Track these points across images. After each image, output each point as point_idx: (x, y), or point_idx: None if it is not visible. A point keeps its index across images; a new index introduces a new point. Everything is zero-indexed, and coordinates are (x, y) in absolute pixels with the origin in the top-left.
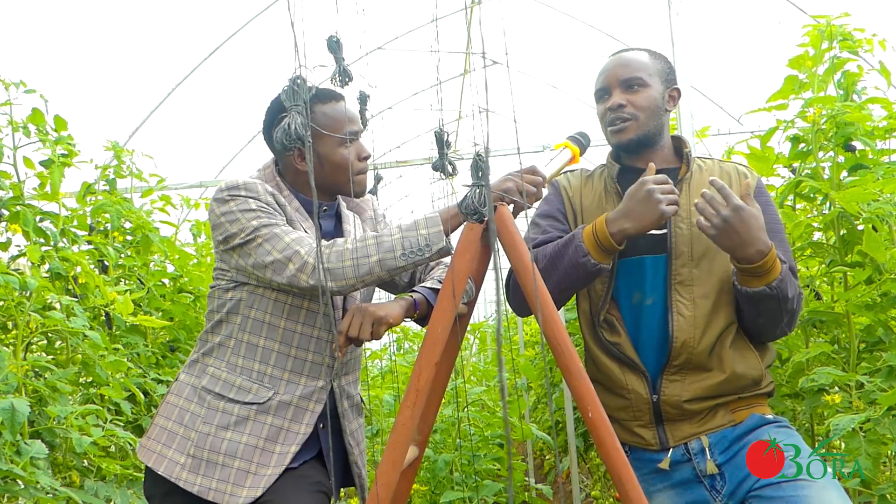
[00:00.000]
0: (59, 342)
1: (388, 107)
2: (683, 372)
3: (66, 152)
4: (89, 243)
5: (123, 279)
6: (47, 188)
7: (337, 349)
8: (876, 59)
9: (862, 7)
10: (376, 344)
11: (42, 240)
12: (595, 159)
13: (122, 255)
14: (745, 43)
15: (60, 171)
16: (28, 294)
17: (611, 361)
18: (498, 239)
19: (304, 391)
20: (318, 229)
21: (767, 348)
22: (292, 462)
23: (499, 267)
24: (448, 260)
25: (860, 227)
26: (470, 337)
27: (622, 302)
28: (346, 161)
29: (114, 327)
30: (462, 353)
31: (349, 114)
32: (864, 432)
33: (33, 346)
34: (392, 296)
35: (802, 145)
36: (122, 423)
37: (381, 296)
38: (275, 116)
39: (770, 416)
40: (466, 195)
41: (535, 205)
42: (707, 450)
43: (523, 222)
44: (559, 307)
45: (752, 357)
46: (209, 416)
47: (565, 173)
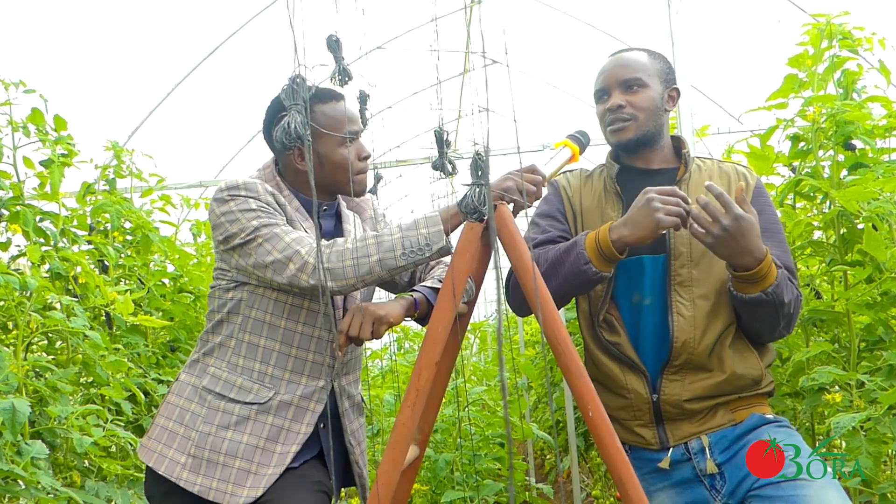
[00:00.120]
0: (59, 342)
1: (388, 106)
2: (683, 372)
3: (65, 152)
4: (89, 243)
5: (123, 279)
6: (47, 188)
7: (337, 349)
8: (875, 58)
9: (862, 6)
10: (376, 343)
11: (42, 240)
12: (595, 158)
13: (122, 254)
14: (745, 42)
15: (60, 171)
16: (28, 294)
17: (610, 361)
18: (498, 238)
19: (305, 391)
20: (318, 229)
21: (767, 348)
22: (293, 462)
23: (499, 266)
24: (448, 259)
25: (860, 226)
26: (470, 336)
27: (621, 302)
28: (345, 161)
29: (114, 327)
30: (462, 353)
31: (349, 113)
32: (865, 431)
33: (34, 347)
34: (392, 295)
35: (802, 144)
36: (122, 424)
37: (382, 295)
38: (274, 116)
39: (770, 416)
40: (466, 194)
41: (535, 204)
42: (707, 449)
43: (523, 221)
44: (559, 308)
45: (752, 357)
46: (210, 416)
47: (565, 173)
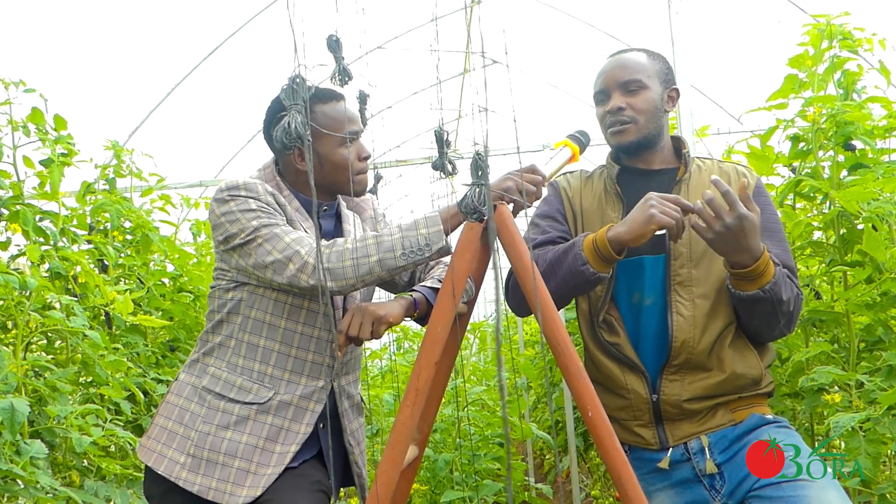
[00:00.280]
0: (58, 342)
1: (388, 106)
2: (683, 371)
3: (65, 151)
4: (89, 243)
5: (123, 279)
6: (47, 187)
7: (337, 349)
8: (876, 58)
9: (862, 6)
10: (376, 343)
11: (42, 239)
12: (595, 159)
13: (122, 254)
14: (745, 42)
15: (60, 171)
16: (28, 293)
17: (610, 361)
18: (498, 238)
19: (305, 391)
20: (317, 229)
21: (767, 348)
22: (292, 461)
23: (498, 266)
24: (448, 259)
25: (860, 227)
26: (470, 336)
27: (621, 302)
28: (346, 161)
29: (114, 327)
30: (462, 353)
31: (349, 113)
32: (864, 431)
33: (33, 346)
34: (392, 295)
35: (802, 144)
36: (121, 423)
37: (381, 295)
38: (274, 116)
39: (770, 416)
40: (466, 194)
41: (535, 204)
42: (706, 449)
43: (523, 221)
44: (558, 309)
45: (752, 357)
46: (209, 416)
47: (565, 174)
